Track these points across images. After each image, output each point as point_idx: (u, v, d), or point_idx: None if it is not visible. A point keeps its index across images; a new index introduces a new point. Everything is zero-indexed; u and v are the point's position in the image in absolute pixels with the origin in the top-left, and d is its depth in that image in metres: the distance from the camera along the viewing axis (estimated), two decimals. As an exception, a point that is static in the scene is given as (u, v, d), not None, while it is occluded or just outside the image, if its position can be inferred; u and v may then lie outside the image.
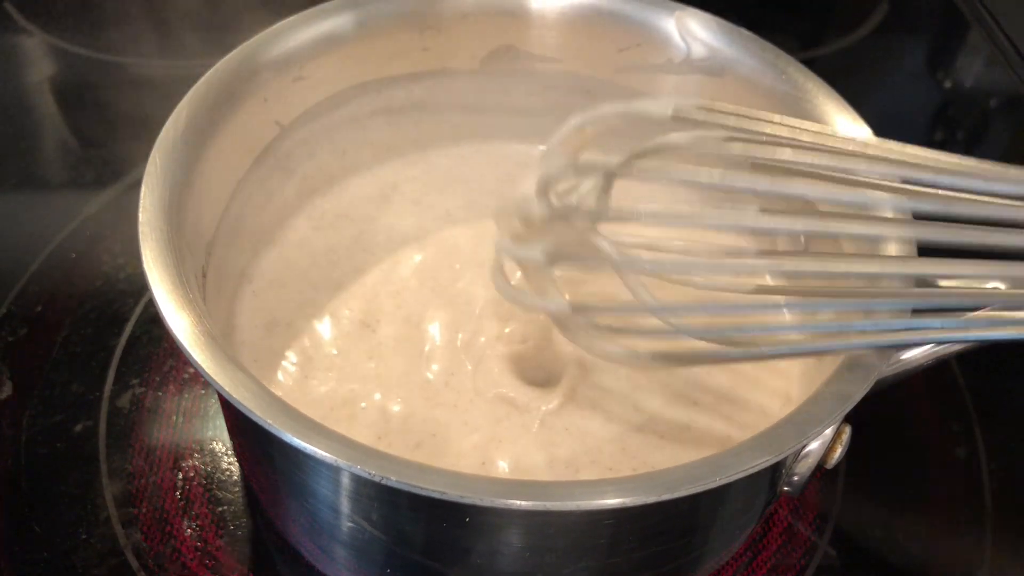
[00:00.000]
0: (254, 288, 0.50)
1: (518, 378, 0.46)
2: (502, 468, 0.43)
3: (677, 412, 0.45)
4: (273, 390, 0.36)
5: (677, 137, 0.35)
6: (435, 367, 0.47)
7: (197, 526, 0.47)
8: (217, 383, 0.34)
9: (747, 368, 0.48)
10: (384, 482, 0.32)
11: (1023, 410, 0.57)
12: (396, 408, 0.45)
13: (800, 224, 0.38)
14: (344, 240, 0.53)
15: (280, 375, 0.46)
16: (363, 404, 0.45)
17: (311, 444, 0.33)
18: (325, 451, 0.32)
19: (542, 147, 0.58)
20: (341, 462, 0.32)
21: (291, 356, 0.47)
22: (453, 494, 0.32)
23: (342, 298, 0.50)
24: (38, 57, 0.76)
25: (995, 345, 0.38)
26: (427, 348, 0.47)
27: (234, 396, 0.34)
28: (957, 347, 0.41)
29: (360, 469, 0.32)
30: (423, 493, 0.32)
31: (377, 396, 0.45)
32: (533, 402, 0.45)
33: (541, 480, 0.41)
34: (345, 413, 0.45)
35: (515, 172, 0.57)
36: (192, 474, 0.49)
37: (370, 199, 0.55)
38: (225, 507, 0.48)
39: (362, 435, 0.44)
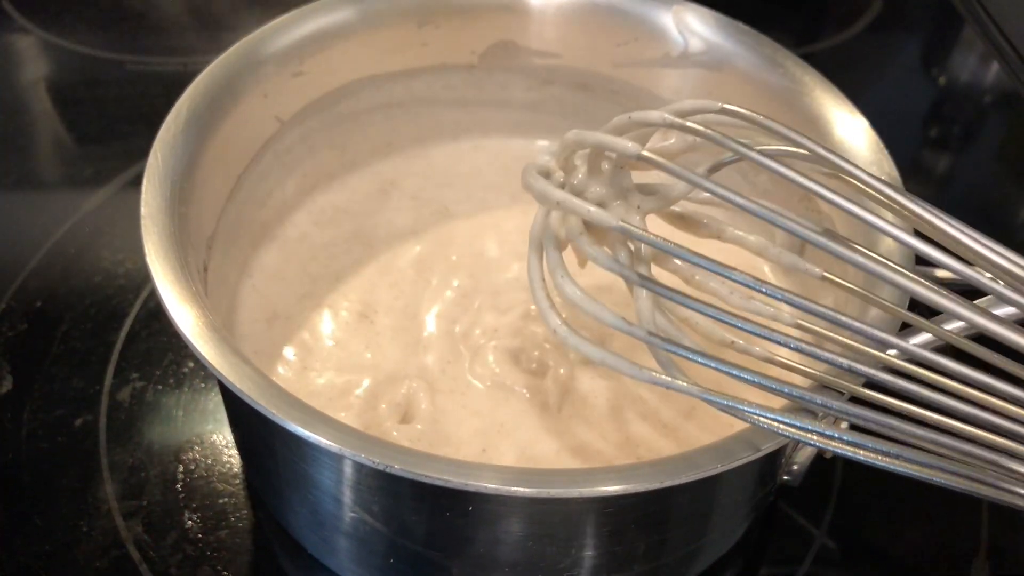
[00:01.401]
0: (254, 282, 0.50)
1: (516, 368, 0.46)
2: (506, 456, 0.43)
3: (679, 398, 0.46)
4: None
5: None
6: (432, 357, 0.47)
7: (198, 518, 0.47)
8: (222, 375, 0.34)
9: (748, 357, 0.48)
10: (388, 470, 0.32)
11: (1018, 402, 0.57)
12: (395, 397, 0.45)
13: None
14: (343, 234, 0.53)
15: (280, 367, 0.47)
16: (361, 393, 0.45)
17: (316, 433, 0.33)
18: (330, 440, 0.33)
19: (542, 142, 0.59)
20: (346, 451, 0.33)
21: (291, 348, 0.47)
22: (456, 482, 0.32)
23: (341, 290, 0.50)
24: (35, 55, 0.76)
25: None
26: (424, 337, 0.48)
27: (239, 387, 0.34)
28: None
29: (364, 458, 0.32)
30: (426, 481, 0.32)
31: (375, 385, 0.46)
32: (532, 391, 0.45)
33: (544, 468, 0.42)
34: (344, 403, 0.45)
35: (513, 167, 0.58)
36: (193, 467, 0.49)
37: (369, 194, 0.56)
38: (226, 499, 0.48)
39: (361, 424, 0.44)
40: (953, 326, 0.35)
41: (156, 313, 0.56)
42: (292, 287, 0.50)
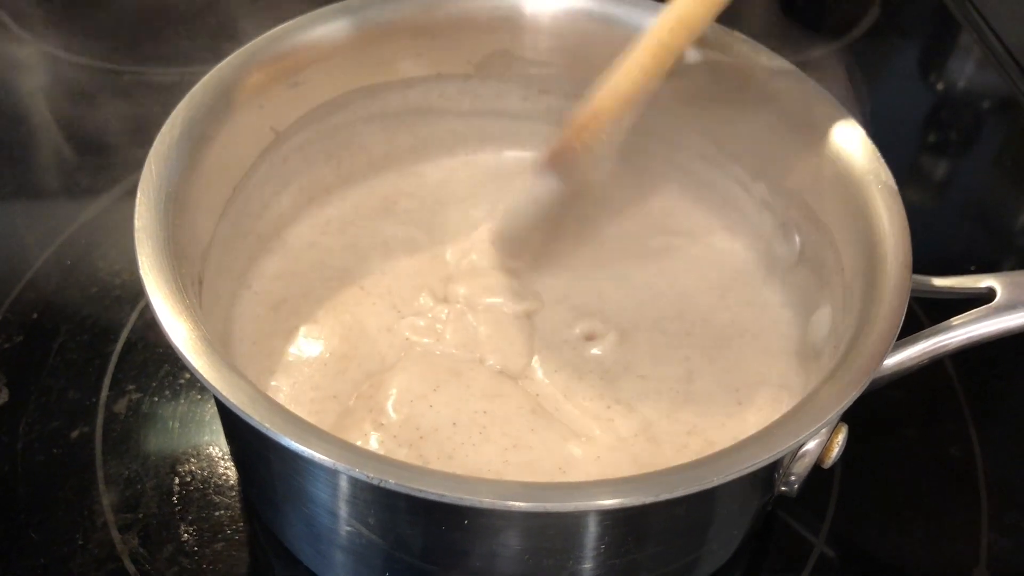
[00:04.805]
0: (250, 294, 0.50)
1: (504, 380, 0.46)
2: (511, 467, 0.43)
3: (674, 410, 0.46)
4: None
5: None
6: (418, 368, 0.47)
7: (194, 531, 0.47)
8: (215, 388, 0.34)
9: (743, 363, 0.48)
10: (383, 485, 0.32)
11: (1016, 409, 0.57)
12: (393, 413, 0.45)
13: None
14: (339, 245, 0.53)
15: (274, 380, 0.46)
16: (357, 409, 0.45)
17: (310, 448, 0.33)
18: (324, 455, 0.33)
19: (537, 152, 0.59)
20: (340, 465, 0.32)
21: (286, 361, 0.47)
22: (452, 496, 0.32)
23: (337, 302, 0.50)
24: (33, 65, 0.75)
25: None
26: (415, 350, 0.47)
27: (232, 401, 0.34)
28: (953, 345, 0.41)
29: (359, 472, 0.32)
30: (421, 496, 0.32)
31: (373, 401, 0.45)
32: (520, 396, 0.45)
33: (539, 482, 0.42)
34: (344, 421, 0.45)
35: (510, 177, 0.57)
36: (189, 479, 0.49)
37: (365, 206, 0.55)
38: (222, 512, 0.48)
39: (356, 439, 0.44)
40: None
41: (152, 325, 0.55)
42: (288, 299, 0.50)
